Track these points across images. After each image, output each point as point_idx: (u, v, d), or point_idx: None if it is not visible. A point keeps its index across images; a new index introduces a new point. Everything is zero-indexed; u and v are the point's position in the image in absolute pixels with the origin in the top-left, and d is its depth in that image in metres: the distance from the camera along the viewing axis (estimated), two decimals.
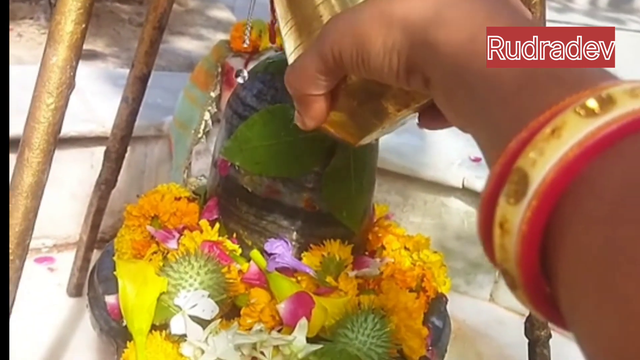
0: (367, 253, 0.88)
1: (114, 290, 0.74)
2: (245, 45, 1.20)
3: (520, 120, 0.24)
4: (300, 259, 0.80)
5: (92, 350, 1.17)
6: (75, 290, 1.35)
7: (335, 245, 0.80)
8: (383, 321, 0.71)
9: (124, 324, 0.71)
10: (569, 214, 0.23)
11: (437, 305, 0.87)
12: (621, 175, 0.21)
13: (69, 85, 0.65)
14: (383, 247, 0.89)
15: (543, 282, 0.25)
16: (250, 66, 0.99)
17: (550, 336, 0.97)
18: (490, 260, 0.26)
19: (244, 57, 1.26)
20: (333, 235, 0.81)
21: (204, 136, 1.29)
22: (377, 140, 0.83)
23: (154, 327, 0.70)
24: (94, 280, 0.88)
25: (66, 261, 1.37)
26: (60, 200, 1.51)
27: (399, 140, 1.63)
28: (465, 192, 1.56)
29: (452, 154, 1.62)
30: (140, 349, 0.68)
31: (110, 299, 0.76)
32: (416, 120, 0.46)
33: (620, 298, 0.20)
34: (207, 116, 1.27)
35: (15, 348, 1.13)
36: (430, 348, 0.79)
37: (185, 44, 2.61)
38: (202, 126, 1.28)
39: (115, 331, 0.77)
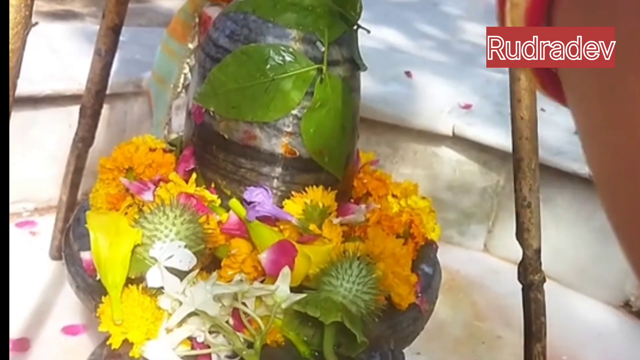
0: (352, 200, 0.85)
1: (90, 247, 0.71)
2: None
3: None
4: (281, 207, 0.76)
5: (76, 313, 1.14)
6: (58, 253, 1.32)
7: (318, 192, 0.77)
8: (369, 268, 0.68)
9: (99, 278, 0.68)
10: None
11: (426, 252, 0.84)
12: None
13: (25, 25, 0.61)
14: (369, 194, 0.85)
15: None
16: None
17: (544, 280, 0.93)
18: None
19: (222, 5, 1.20)
20: (315, 181, 0.77)
21: (184, 90, 1.24)
22: (357, 80, 0.79)
23: (130, 281, 0.67)
24: (69, 238, 0.86)
25: (48, 225, 1.33)
26: (40, 163, 1.46)
27: (387, 89, 1.59)
28: (455, 140, 1.51)
29: (442, 102, 1.58)
30: (115, 302, 0.65)
31: (85, 255, 0.73)
32: None
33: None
34: (186, 69, 1.22)
35: None
36: (419, 295, 0.77)
37: (166, 2, 2.54)
38: (182, 80, 1.23)
39: (92, 288, 0.75)
